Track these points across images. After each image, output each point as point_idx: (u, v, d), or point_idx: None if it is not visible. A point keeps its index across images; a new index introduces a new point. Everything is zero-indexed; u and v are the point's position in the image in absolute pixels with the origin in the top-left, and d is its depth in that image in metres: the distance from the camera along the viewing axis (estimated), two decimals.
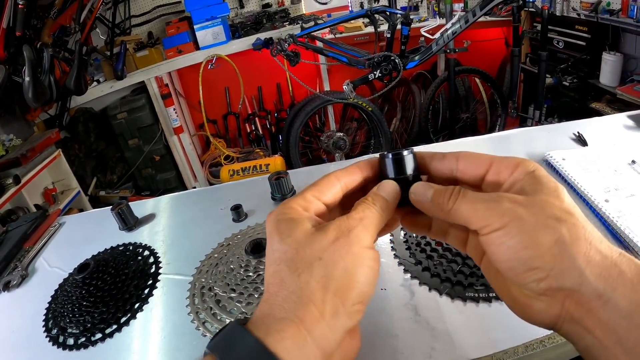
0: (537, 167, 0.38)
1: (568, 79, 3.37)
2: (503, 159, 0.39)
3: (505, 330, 0.57)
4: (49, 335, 0.69)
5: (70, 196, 3.16)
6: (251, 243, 0.65)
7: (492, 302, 0.62)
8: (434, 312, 0.62)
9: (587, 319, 0.33)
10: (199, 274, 0.71)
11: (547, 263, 0.33)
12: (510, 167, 0.38)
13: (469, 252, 0.43)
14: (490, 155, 0.40)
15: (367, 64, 2.73)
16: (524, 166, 0.38)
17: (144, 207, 1.02)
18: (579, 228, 0.34)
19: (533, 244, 0.34)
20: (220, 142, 4.19)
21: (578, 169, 0.88)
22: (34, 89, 2.60)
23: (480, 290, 0.64)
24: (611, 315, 0.32)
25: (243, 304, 0.60)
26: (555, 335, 0.55)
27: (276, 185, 0.87)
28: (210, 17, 3.75)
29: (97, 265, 0.75)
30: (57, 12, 3.03)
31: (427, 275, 0.68)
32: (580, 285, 0.33)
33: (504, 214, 0.35)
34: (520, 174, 0.38)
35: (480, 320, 0.60)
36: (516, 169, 0.38)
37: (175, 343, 0.63)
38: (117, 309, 0.70)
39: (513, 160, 0.38)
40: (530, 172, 0.37)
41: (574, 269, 0.33)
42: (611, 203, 0.78)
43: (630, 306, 0.31)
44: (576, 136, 1.04)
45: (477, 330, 0.58)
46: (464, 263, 0.67)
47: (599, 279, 0.32)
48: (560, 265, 0.33)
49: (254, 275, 0.62)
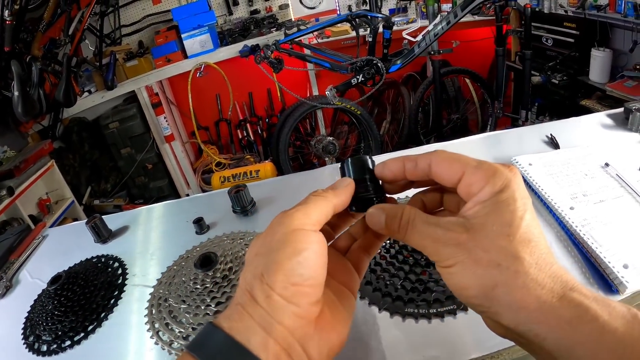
0: (505, 186, 0.38)
1: (558, 76, 3.34)
2: (476, 169, 0.39)
3: (441, 348, 0.58)
4: (26, 342, 0.74)
5: (64, 206, 3.21)
6: (200, 257, 0.68)
7: (431, 319, 0.62)
8: (370, 327, 0.63)
9: (533, 346, 0.36)
10: (159, 285, 0.75)
11: (485, 303, 0.37)
12: (482, 181, 0.38)
13: None
14: (464, 161, 0.40)
15: (349, 69, 2.75)
16: (492, 184, 0.38)
17: (119, 220, 1.06)
18: (520, 275, 0.35)
19: (473, 286, 0.37)
20: (212, 149, 4.22)
21: (544, 175, 0.86)
22: (23, 103, 2.64)
23: (420, 306, 0.63)
24: (552, 349, 0.35)
25: (191, 315, 0.64)
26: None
27: (235, 199, 0.91)
28: (197, 26, 3.80)
29: (68, 277, 0.80)
30: (46, 25, 3.08)
31: (369, 289, 0.67)
32: (517, 325, 0.36)
33: (449, 256, 0.38)
34: (485, 194, 0.38)
35: (418, 337, 0.60)
36: (486, 184, 0.38)
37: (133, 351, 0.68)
38: (85, 318, 0.75)
39: (485, 172, 0.39)
40: (495, 194, 0.37)
41: (510, 312, 0.36)
42: (576, 211, 0.76)
43: (569, 344, 0.34)
44: (549, 139, 1.03)
45: (413, 347, 0.59)
46: (405, 277, 0.66)
47: (534, 323, 0.35)
48: (497, 308, 0.36)
49: (201, 287, 0.66)
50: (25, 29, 3.02)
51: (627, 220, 0.73)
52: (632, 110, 1.01)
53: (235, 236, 0.83)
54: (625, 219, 0.74)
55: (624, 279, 0.63)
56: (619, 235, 0.70)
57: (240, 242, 0.78)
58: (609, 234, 0.70)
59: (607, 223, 0.73)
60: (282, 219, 0.40)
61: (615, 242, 0.69)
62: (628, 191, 0.80)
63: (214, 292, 0.64)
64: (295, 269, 0.37)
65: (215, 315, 0.63)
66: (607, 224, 0.72)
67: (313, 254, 0.38)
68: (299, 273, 0.37)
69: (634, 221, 0.73)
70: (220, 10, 4.23)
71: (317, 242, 0.39)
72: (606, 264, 0.65)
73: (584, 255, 0.70)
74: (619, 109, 1.10)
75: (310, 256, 0.38)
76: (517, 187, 0.38)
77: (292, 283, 0.37)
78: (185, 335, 0.63)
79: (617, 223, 0.73)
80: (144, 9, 4.07)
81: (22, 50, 2.95)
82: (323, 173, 1.08)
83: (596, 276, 0.67)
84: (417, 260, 0.68)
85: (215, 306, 0.63)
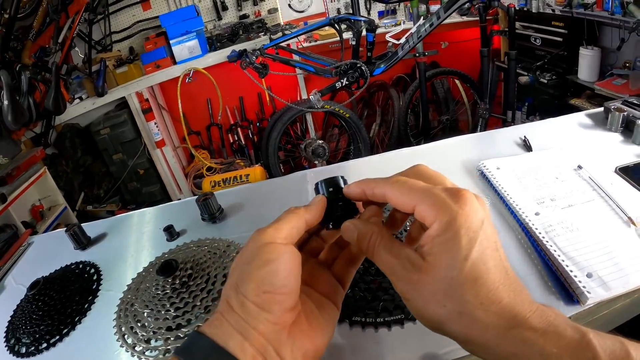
0: (450, 223, 0.39)
1: (546, 76, 3.37)
2: (425, 202, 0.41)
3: (389, 357, 0.60)
4: (7, 345, 0.78)
5: (57, 212, 3.22)
6: (161, 265, 0.72)
7: (378, 328, 0.63)
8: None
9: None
10: (128, 291, 0.79)
11: (437, 330, 0.41)
12: (431, 216, 0.40)
13: None
14: (416, 191, 0.42)
15: (334, 73, 2.78)
16: (439, 221, 0.39)
17: (98, 227, 1.09)
18: (464, 316, 0.39)
19: (424, 317, 0.42)
20: (204, 154, 4.25)
21: (512, 179, 0.85)
22: (13, 112, 2.67)
23: (368, 315, 0.63)
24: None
25: (152, 319, 0.68)
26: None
27: (203, 206, 0.94)
28: (185, 32, 3.83)
29: (46, 283, 0.84)
30: (35, 33, 3.11)
31: None
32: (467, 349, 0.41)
33: (402, 290, 0.42)
34: (434, 231, 0.40)
35: (365, 347, 0.61)
36: (434, 220, 0.40)
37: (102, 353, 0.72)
38: (61, 321, 0.79)
39: (433, 207, 0.40)
40: (443, 232, 0.39)
41: (459, 341, 0.41)
42: (542, 216, 0.74)
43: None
44: (522, 141, 1.01)
45: (361, 357, 0.60)
46: (354, 286, 0.67)
47: (481, 354, 0.40)
48: (448, 335, 0.41)
49: (162, 293, 0.69)
50: (15, 37, 3.05)
51: (596, 226, 0.71)
52: (611, 110, 0.99)
53: (202, 243, 0.87)
54: (593, 224, 0.71)
55: (586, 289, 0.60)
56: (586, 242, 0.67)
57: (204, 249, 0.82)
58: (574, 241, 0.68)
59: (573, 229, 0.70)
60: (256, 235, 0.44)
61: (581, 250, 0.66)
62: (600, 195, 0.77)
63: (173, 298, 0.68)
64: (266, 278, 0.41)
65: (173, 320, 0.67)
66: (574, 230, 0.70)
67: (283, 264, 0.42)
68: (270, 282, 0.41)
69: (602, 226, 0.71)
70: (210, 15, 4.26)
71: (287, 252, 0.43)
72: (567, 273, 0.63)
73: (545, 263, 0.68)
74: (599, 109, 1.09)
75: (280, 266, 0.42)
76: (463, 223, 0.39)
77: (264, 291, 0.41)
78: (147, 339, 0.67)
79: (585, 229, 0.70)
80: (134, 15, 4.10)
81: (12, 59, 2.98)
82: (292, 179, 1.11)
83: (558, 286, 0.64)
84: (367, 269, 0.69)
85: (174, 311, 0.67)
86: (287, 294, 0.42)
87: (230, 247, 0.83)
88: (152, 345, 0.66)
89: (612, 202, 0.75)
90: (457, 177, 0.94)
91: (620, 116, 0.98)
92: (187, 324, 0.67)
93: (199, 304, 0.69)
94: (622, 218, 0.72)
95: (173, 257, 0.75)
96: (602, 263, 0.64)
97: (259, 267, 0.41)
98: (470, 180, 0.93)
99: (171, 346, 0.65)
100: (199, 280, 0.71)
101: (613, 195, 0.76)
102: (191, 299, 0.69)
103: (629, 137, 0.95)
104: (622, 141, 0.96)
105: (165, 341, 0.65)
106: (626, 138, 0.96)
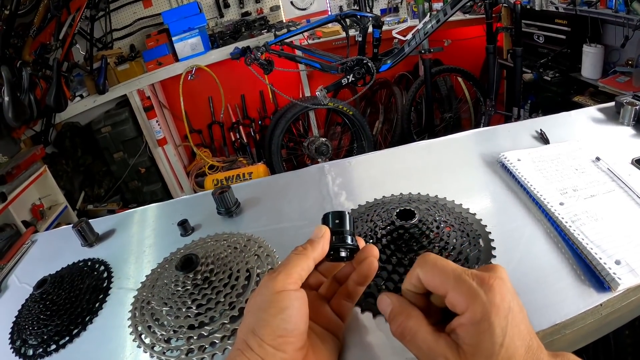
0: (483, 316, 0.41)
1: (550, 73, 3.36)
2: (456, 290, 0.44)
3: None
4: (13, 347, 0.74)
5: (57, 211, 3.19)
6: (181, 259, 0.68)
7: None
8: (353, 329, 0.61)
9: None
10: (143, 288, 0.75)
11: None
12: (462, 305, 0.43)
13: None
14: (449, 277, 0.44)
15: (340, 69, 2.76)
16: (472, 312, 0.42)
17: (106, 224, 1.06)
18: None
19: None
20: (205, 152, 4.22)
21: (533, 170, 0.85)
22: (14, 108, 2.64)
23: None
24: None
25: (172, 317, 0.64)
26: None
27: (220, 200, 0.90)
28: (187, 29, 3.80)
29: (54, 281, 0.80)
30: (36, 30, 3.08)
31: None
32: None
33: None
34: (467, 319, 0.42)
35: None
36: (466, 311, 0.42)
37: (116, 355, 0.68)
38: (70, 321, 0.75)
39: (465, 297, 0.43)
40: (475, 325, 0.41)
41: None
42: (566, 206, 0.74)
43: None
44: (538, 134, 1.01)
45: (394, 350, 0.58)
46: (388, 278, 0.65)
47: None
48: None
49: (182, 290, 0.65)
50: (16, 34, 3.02)
51: (619, 215, 0.72)
52: (624, 104, 0.99)
53: (219, 237, 0.83)
54: (617, 213, 0.72)
55: (616, 276, 0.61)
56: (611, 231, 0.68)
57: (223, 243, 0.78)
58: (600, 230, 0.69)
59: (598, 218, 0.71)
60: (268, 282, 0.49)
61: (607, 238, 0.67)
62: (620, 185, 0.78)
63: (194, 294, 0.64)
64: (280, 325, 0.46)
65: (195, 318, 0.63)
66: (598, 219, 0.71)
67: (295, 310, 0.47)
68: (284, 327, 0.46)
69: (626, 216, 0.71)
70: (211, 12, 4.24)
71: (298, 299, 0.48)
72: (597, 261, 0.63)
73: (574, 252, 0.68)
74: (609, 103, 1.09)
75: (293, 313, 0.47)
76: (496, 315, 0.41)
77: (279, 335, 0.46)
78: (167, 338, 0.63)
79: (609, 218, 0.71)
80: (135, 12, 4.08)
81: (13, 56, 2.95)
82: (309, 172, 1.08)
83: (588, 273, 0.64)
84: (401, 260, 0.66)
85: (196, 308, 0.63)
86: (298, 335, 0.47)
87: (250, 241, 0.79)
88: (173, 345, 0.62)
89: (632, 192, 0.76)
90: (478, 170, 0.94)
91: (632, 110, 0.99)
92: (210, 321, 0.63)
93: (222, 300, 0.65)
94: None
95: (194, 252, 0.70)
96: (628, 251, 0.64)
97: (274, 315, 0.46)
98: (492, 173, 0.91)
99: (194, 345, 0.61)
100: (221, 276, 0.67)
101: (632, 186, 0.77)
102: (214, 295, 0.65)
103: None
104: (635, 135, 0.97)
105: (187, 340, 0.61)
106: (638, 131, 0.97)
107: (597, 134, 0.99)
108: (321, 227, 0.54)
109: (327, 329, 0.54)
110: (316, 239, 0.53)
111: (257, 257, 0.74)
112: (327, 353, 0.52)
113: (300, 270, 0.50)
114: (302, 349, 0.48)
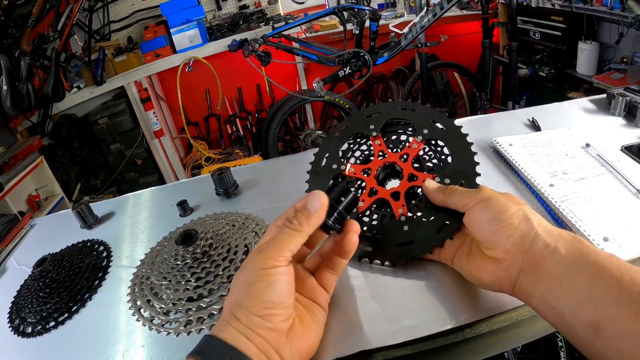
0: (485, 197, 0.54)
1: (545, 69, 3.39)
2: (463, 196, 0.56)
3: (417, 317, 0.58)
4: (12, 326, 0.75)
5: (54, 202, 3.20)
6: (181, 234, 0.70)
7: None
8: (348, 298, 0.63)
9: (540, 267, 0.47)
10: (142, 265, 0.76)
11: (515, 221, 0.50)
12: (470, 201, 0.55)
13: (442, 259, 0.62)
14: (472, 196, 0.55)
15: (337, 61, 2.76)
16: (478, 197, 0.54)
17: (105, 206, 1.07)
18: (531, 210, 0.52)
19: (505, 210, 0.51)
20: (202, 144, 4.23)
21: (524, 155, 0.88)
22: (12, 97, 2.64)
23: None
24: (555, 262, 0.46)
25: (172, 291, 0.65)
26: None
27: (219, 181, 0.91)
28: (185, 21, 3.80)
29: (53, 260, 0.81)
30: (34, 20, 3.07)
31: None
32: (534, 238, 0.48)
33: (483, 196, 0.54)
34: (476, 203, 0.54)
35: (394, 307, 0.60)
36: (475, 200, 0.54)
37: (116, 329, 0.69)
38: (69, 299, 0.76)
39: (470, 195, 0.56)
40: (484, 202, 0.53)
41: (531, 228, 0.49)
42: (556, 187, 0.77)
43: (567, 253, 0.46)
44: (530, 122, 1.04)
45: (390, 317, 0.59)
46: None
47: (547, 235, 0.48)
48: (523, 225, 0.50)
49: (182, 263, 0.67)
50: (14, 24, 3.02)
51: (608, 197, 0.74)
52: (615, 95, 1.01)
53: (218, 216, 0.84)
54: (606, 195, 0.74)
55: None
56: (600, 210, 0.71)
57: (222, 221, 0.79)
58: (588, 209, 0.71)
59: (587, 199, 0.73)
60: (257, 256, 0.50)
61: (596, 217, 0.69)
62: (609, 170, 0.80)
63: (193, 268, 0.66)
64: (268, 298, 0.48)
65: (194, 291, 0.64)
66: (587, 200, 0.73)
67: (282, 284, 0.49)
68: (271, 300, 0.48)
69: (614, 197, 0.74)
70: (209, 5, 4.24)
71: (285, 273, 0.50)
72: (586, 237, 0.65)
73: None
74: (601, 95, 1.11)
75: (280, 287, 0.49)
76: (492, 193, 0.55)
77: (266, 307, 0.48)
78: (166, 311, 0.64)
79: (598, 199, 0.73)
80: (133, 4, 4.07)
81: (11, 45, 2.95)
82: (306, 156, 1.08)
83: None
84: None
85: (195, 281, 0.65)
86: (285, 307, 0.49)
87: (248, 219, 0.80)
88: (172, 317, 0.63)
89: (620, 176, 0.78)
90: None
91: (623, 100, 1.01)
92: (209, 294, 0.64)
93: (221, 273, 0.66)
94: (630, 191, 0.75)
95: (192, 228, 0.72)
96: (616, 229, 0.67)
97: (262, 288, 0.48)
98: (484, 157, 0.93)
99: (193, 317, 0.62)
100: (220, 250, 0.69)
101: (621, 170, 0.79)
102: (213, 268, 0.66)
103: (631, 121, 0.98)
104: (625, 125, 0.98)
105: (186, 312, 0.63)
106: (629, 122, 0.99)
107: (588, 123, 1.02)
108: (320, 196, 0.54)
109: (313, 300, 0.56)
110: (314, 214, 0.53)
111: (255, 234, 0.76)
112: (313, 323, 0.54)
113: (293, 247, 0.51)
114: (288, 320, 0.50)
